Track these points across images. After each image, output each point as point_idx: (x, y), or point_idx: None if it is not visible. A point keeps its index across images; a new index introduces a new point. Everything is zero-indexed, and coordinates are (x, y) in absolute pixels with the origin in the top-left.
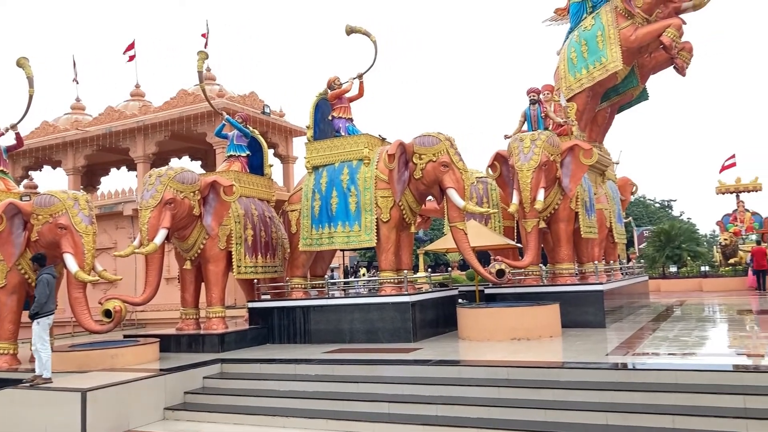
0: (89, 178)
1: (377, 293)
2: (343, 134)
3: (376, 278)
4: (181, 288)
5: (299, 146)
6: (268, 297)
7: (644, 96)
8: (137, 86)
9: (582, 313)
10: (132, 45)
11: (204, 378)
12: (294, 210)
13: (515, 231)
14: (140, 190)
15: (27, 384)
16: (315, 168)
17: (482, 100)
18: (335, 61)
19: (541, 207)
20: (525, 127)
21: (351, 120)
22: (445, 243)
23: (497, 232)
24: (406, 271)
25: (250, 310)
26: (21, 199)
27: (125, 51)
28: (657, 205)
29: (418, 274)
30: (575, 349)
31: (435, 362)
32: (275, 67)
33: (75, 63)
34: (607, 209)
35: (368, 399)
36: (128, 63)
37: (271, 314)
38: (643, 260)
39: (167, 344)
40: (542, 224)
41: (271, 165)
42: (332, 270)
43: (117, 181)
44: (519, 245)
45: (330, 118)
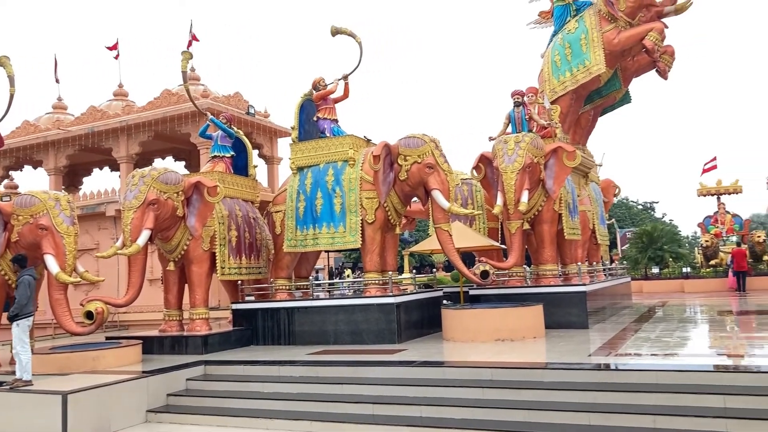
0: (71, 179)
1: (362, 294)
2: (328, 135)
3: (361, 279)
4: (165, 289)
5: (284, 147)
6: (253, 298)
7: (627, 99)
8: (120, 86)
9: (565, 314)
10: (116, 45)
11: (187, 380)
12: (278, 211)
13: (499, 232)
14: (123, 191)
15: (7, 387)
16: (300, 169)
17: (467, 102)
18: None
19: (525, 209)
20: (509, 129)
21: (336, 121)
22: (430, 244)
23: (482, 234)
24: (391, 273)
25: (234, 312)
26: (1, 200)
27: (110, 49)
28: (639, 207)
29: (403, 276)
30: (558, 350)
31: (419, 363)
32: (260, 68)
33: (56, 62)
34: (591, 211)
35: (352, 400)
36: (113, 60)
37: (255, 316)
38: (626, 261)
39: (150, 346)
40: (526, 226)
41: (256, 166)
42: (317, 271)
43: (99, 182)
44: (503, 246)
45: (315, 119)
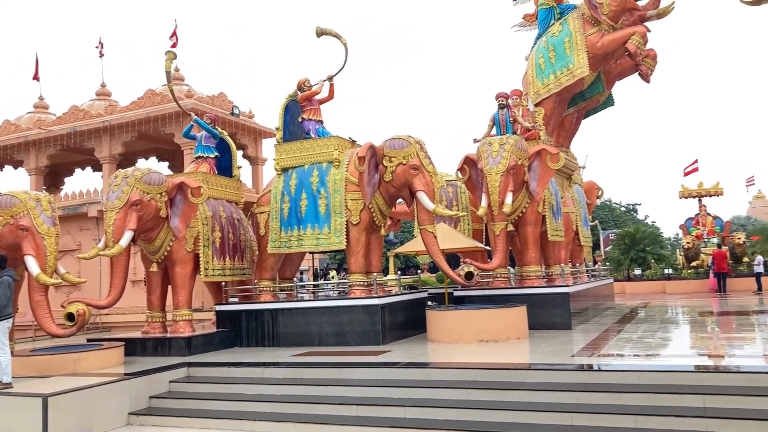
0: (52, 179)
1: (347, 296)
2: (313, 136)
3: (346, 281)
4: (147, 291)
5: (268, 148)
6: (236, 300)
7: (610, 102)
8: (103, 85)
9: (549, 315)
10: (101, 44)
11: (170, 382)
12: (263, 212)
13: (484, 234)
14: (106, 191)
15: None
16: (284, 170)
17: (452, 104)
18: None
19: (509, 210)
20: (494, 131)
21: (321, 122)
22: (415, 245)
23: (466, 235)
24: (376, 274)
25: (218, 313)
26: None
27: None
28: (622, 209)
29: (388, 277)
30: (542, 351)
31: (404, 365)
32: (245, 68)
33: (38, 61)
34: (574, 213)
35: (336, 402)
36: (96, 60)
37: (239, 317)
38: (609, 263)
39: (133, 348)
40: (510, 227)
41: (240, 167)
42: (301, 272)
43: (81, 182)
44: (487, 248)
45: (300, 120)
